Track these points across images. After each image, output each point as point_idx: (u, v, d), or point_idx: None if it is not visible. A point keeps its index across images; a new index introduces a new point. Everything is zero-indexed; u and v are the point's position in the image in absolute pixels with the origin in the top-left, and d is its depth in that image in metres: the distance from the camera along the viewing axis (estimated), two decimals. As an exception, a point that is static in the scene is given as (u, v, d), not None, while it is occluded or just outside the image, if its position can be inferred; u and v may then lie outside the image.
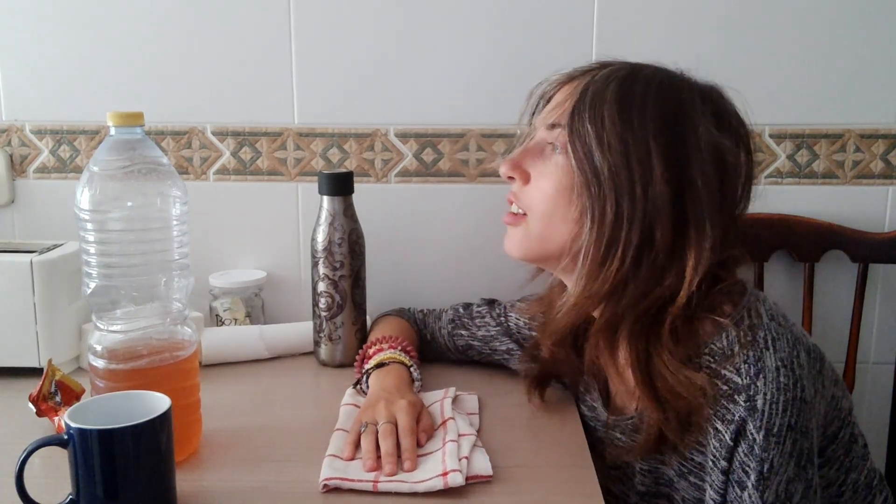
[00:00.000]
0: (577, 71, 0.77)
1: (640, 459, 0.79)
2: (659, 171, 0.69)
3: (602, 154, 0.69)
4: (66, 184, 1.20)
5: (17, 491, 0.61)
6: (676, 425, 0.71)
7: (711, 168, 0.70)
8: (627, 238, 0.69)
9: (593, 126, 0.70)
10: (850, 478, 0.75)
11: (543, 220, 0.76)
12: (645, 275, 0.70)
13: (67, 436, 0.61)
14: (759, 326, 0.69)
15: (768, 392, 0.66)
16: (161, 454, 0.64)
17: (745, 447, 0.67)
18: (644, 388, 0.71)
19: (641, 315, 0.71)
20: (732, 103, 0.76)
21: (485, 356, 1.01)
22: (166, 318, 0.75)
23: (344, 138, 1.18)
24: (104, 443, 0.60)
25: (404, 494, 0.69)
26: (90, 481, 0.61)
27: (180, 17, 1.14)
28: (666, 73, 0.74)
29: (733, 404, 0.67)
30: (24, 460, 0.61)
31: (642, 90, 0.71)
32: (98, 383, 0.73)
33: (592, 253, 0.71)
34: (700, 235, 0.70)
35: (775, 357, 0.67)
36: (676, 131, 0.70)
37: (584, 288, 0.72)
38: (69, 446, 0.61)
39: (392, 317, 1.06)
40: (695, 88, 0.73)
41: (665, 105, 0.71)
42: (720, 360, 0.69)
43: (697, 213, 0.70)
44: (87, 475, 0.61)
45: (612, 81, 0.72)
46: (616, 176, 0.69)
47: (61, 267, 0.98)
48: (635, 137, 0.69)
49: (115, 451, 0.61)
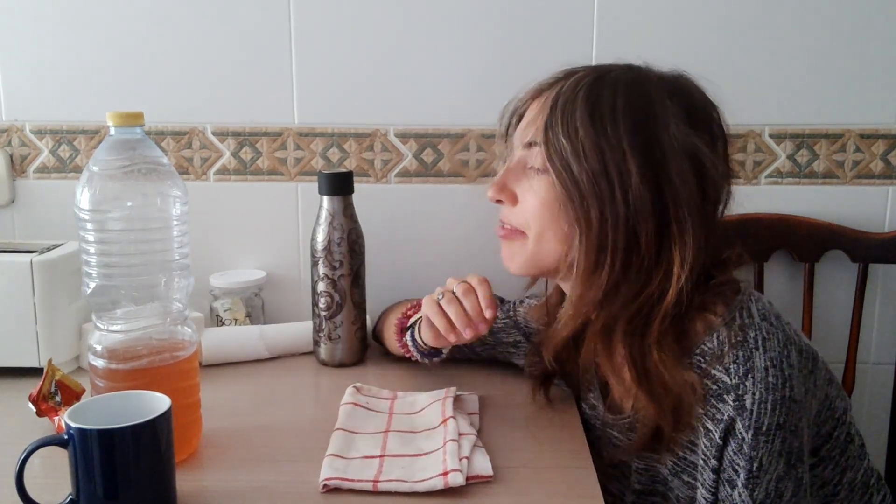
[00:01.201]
0: (544, 84, 0.78)
1: (636, 458, 0.80)
2: (636, 173, 0.69)
3: (580, 165, 0.70)
4: (66, 184, 1.20)
5: (17, 491, 0.61)
6: (671, 422, 0.71)
7: (688, 166, 0.71)
8: (614, 243, 0.70)
9: (567, 139, 0.71)
10: (847, 477, 0.76)
11: (537, 238, 0.77)
12: (634, 277, 0.71)
13: (67, 436, 0.61)
14: (750, 326, 0.70)
15: (757, 391, 0.66)
16: (161, 454, 0.64)
17: (735, 446, 0.67)
18: (640, 386, 0.72)
19: (634, 315, 0.72)
20: (700, 89, 0.76)
21: (489, 349, 1.00)
22: (166, 318, 0.75)
23: (344, 138, 1.18)
24: (104, 443, 0.60)
25: (404, 494, 0.69)
26: (90, 481, 0.61)
27: (180, 17, 1.14)
28: (631, 73, 0.75)
29: (722, 404, 0.68)
30: (24, 460, 0.61)
31: (611, 94, 0.72)
32: (98, 383, 0.73)
33: (584, 262, 0.72)
34: (683, 234, 0.70)
35: (765, 357, 0.68)
36: (649, 132, 0.70)
37: (580, 296, 0.74)
38: (69, 446, 0.61)
39: (399, 303, 1.06)
40: (662, 83, 0.74)
41: (634, 106, 0.71)
42: (710, 361, 0.70)
43: (678, 212, 0.70)
44: (87, 475, 0.61)
45: (581, 90, 0.72)
46: (596, 184, 0.70)
47: (61, 267, 0.98)
48: (609, 143, 0.70)
49: (115, 451, 0.61)
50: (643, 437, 0.74)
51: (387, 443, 0.78)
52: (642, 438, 0.74)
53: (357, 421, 0.83)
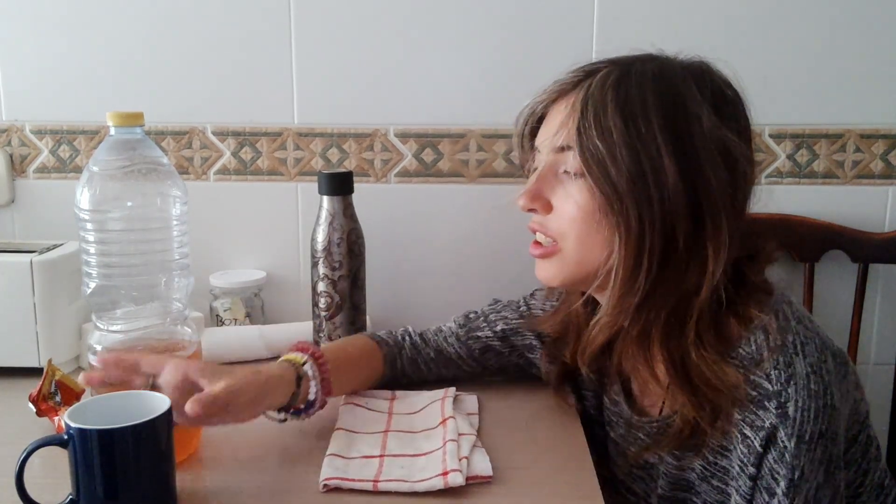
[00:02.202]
0: (565, 84, 0.75)
1: (663, 460, 0.78)
2: (671, 168, 0.68)
3: (617, 168, 0.68)
4: (66, 184, 1.20)
5: (17, 490, 0.61)
6: (710, 420, 0.70)
7: (719, 159, 0.69)
8: (652, 245, 0.68)
9: (602, 142, 0.69)
10: (868, 479, 0.75)
11: (577, 246, 0.74)
12: (671, 277, 0.69)
13: (67, 436, 0.61)
14: (788, 330, 0.68)
15: (800, 399, 0.65)
16: (161, 454, 0.64)
17: (776, 454, 0.66)
18: (680, 385, 0.70)
19: (670, 316, 0.71)
20: (723, 76, 0.74)
21: (503, 358, 0.95)
22: (166, 318, 0.75)
23: (343, 138, 1.18)
24: (104, 443, 0.60)
25: (404, 494, 0.69)
26: (90, 481, 0.61)
27: (180, 18, 1.14)
28: (654, 63, 0.73)
29: (763, 411, 0.66)
30: (24, 460, 0.61)
31: (638, 88, 0.70)
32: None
33: (623, 267, 0.69)
34: (717, 230, 0.69)
35: (805, 362, 0.66)
36: (682, 127, 0.69)
37: (618, 302, 0.71)
38: (69, 446, 0.61)
39: (356, 337, 0.97)
40: (686, 71, 0.72)
41: (665, 101, 0.69)
42: (749, 366, 0.68)
43: (713, 207, 0.69)
44: (87, 475, 0.61)
45: (609, 89, 0.70)
46: (633, 186, 0.68)
47: (61, 267, 0.98)
48: (643, 141, 0.68)
49: (115, 451, 0.61)
50: (677, 435, 0.72)
51: (386, 443, 0.78)
52: (677, 436, 0.73)
53: (357, 421, 0.83)
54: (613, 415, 0.86)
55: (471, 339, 0.94)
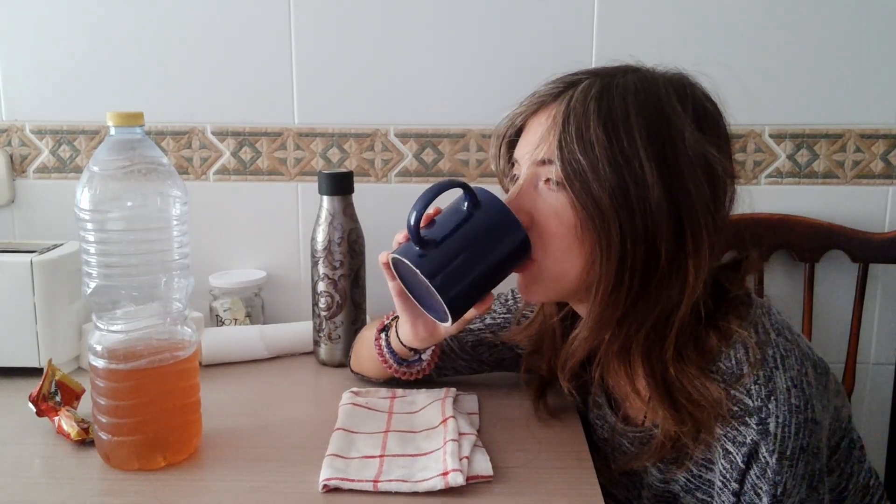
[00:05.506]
0: (545, 96, 0.74)
1: (647, 471, 0.78)
2: (654, 184, 0.67)
3: (599, 183, 0.67)
4: (66, 184, 1.20)
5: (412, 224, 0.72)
6: (692, 434, 0.70)
7: (700, 172, 0.68)
8: (634, 259, 0.68)
9: (585, 156, 0.67)
10: (852, 483, 0.75)
11: (556, 261, 0.72)
12: (652, 292, 0.69)
13: (467, 196, 0.71)
14: (768, 343, 0.68)
15: (780, 415, 0.65)
16: (502, 263, 0.71)
17: (758, 470, 0.66)
18: (661, 400, 0.70)
19: (650, 331, 0.70)
20: (704, 89, 0.74)
21: (497, 351, 0.94)
22: (166, 318, 0.75)
23: (344, 138, 1.18)
24: (492, 210, 0.70)
25: (404, 494, 0.69)
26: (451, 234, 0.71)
27: (180, 18, 1.15)
28: (636, 76, 0.72)
29: (744, 427, 0.66)
30: (432, 197, 0.73)
31: (621, 102, 0.69)
32: (98, 383, 0.73)
33: (605, 281, 0.69)
34: (698, 242, 0.68)
35: (785, 376, 0.66)
36: (664, 139, 0.68)
37: (600, 316, 0.70)
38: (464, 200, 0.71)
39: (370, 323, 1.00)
40: (669, 86, 0.71)
41: (648, 114, 0.68)
42: (729, 380, 0.68)
43: (693, 221, 0.68)
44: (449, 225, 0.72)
45: (591, 101, 0.69)
46: (616, 201, 0.67)
47: (61, 267, 0.98)
48: (626, 156, 0.67)
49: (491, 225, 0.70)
50: (660, 450, 0.72)
51: (387, 443, 0.78)
52: (659, 450, 0.72)
53: (357, 421, 0.83)
54: (598, 418, 0.86)
55: (463, 332, 0.94)
